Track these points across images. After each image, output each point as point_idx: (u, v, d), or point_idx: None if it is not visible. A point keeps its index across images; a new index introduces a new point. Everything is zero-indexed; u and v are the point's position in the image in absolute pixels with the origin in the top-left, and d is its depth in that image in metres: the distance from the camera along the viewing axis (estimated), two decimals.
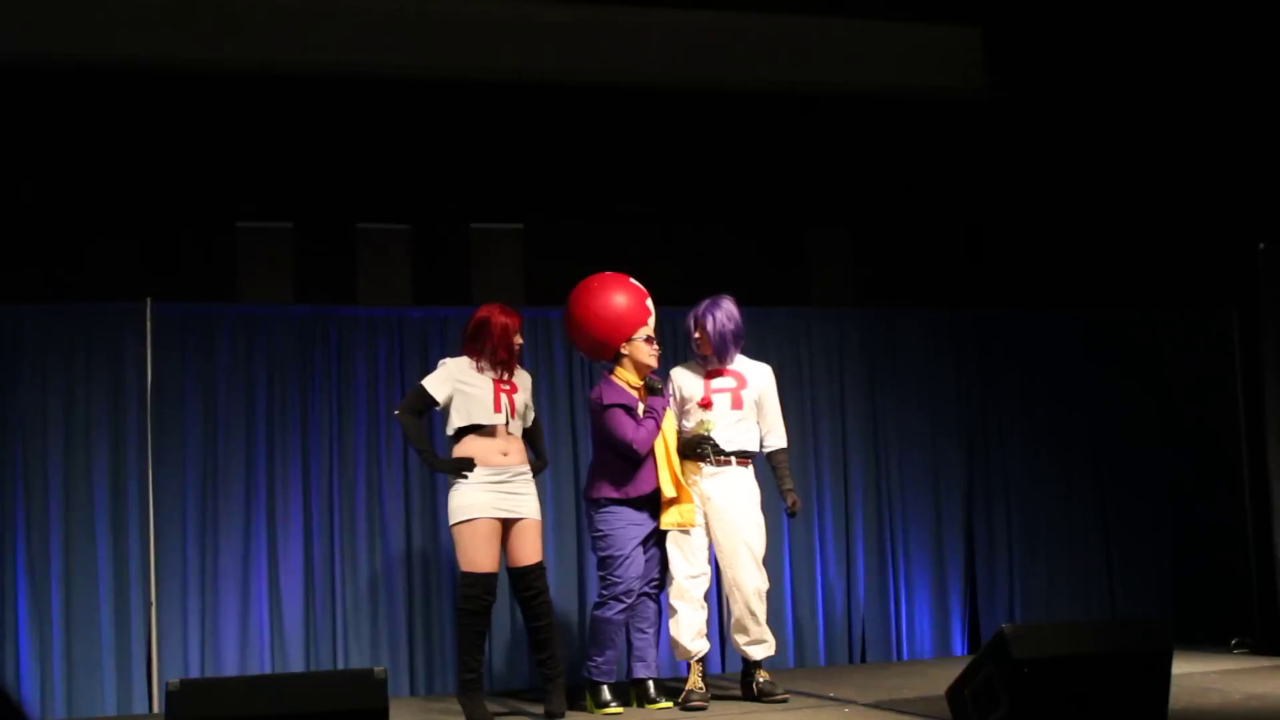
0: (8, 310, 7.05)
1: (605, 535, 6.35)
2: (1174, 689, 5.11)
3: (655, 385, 6.41)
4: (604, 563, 6.37)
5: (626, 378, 6.42)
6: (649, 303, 6.49)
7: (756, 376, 6.62)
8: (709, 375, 6.59)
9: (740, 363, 6.63)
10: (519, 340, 6.25)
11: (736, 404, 6.53)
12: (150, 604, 6.97)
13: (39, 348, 7.02)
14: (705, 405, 6.50)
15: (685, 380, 6.62)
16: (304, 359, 7.40)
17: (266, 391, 7.32)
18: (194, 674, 6.94)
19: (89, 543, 6.95)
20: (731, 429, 6.50)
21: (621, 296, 6.41)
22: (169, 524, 7.07)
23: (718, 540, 6.45)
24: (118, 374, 7.11)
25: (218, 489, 7.18)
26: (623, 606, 6.31)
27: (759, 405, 6.61)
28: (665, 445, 6.38)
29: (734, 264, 8.65)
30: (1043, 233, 9.21)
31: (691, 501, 6.38)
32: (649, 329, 6.46)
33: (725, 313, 6.53)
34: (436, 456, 6.20)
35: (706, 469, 6.46)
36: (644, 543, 6.37)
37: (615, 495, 6.34)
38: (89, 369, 7.08)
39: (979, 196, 9.24)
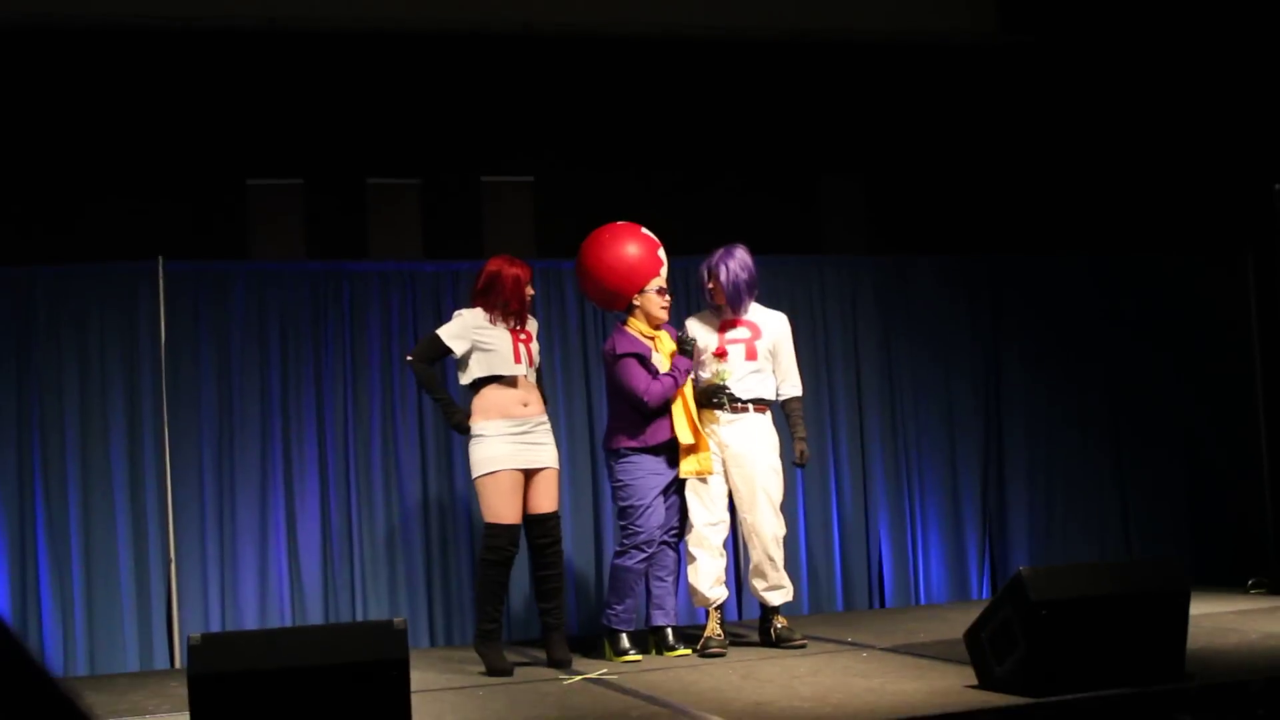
0: (21, 271, 7.06)
1: (625, 485, 6.36)
2: (1191, 630, 5.12)
3: (687, 346, 6.39)
4: (624, 512, 6.39)
5: (639, 328, 6.42)
6: (661, 253, 6.46)
7: (771, 325, 6.61)
8: (723, 326, 6.58)
9: (755, 312, 6.61)
10: (530, 291, 6.25)
11: (751, 354, 6.52)
12: (169, 560, 7.01)
13: (53, 308, 7.04)
14: (720, 355, 6.50)
15: (699, 331, 6.61)
16: (317, 314, 7.40)
17: (280, 347, 7.34)
18: (214, 628, 6.98)
19: (107, 500, 6.99)
20: (747, 378, 6.50)
21: (633, 247, 6.38)
22: (186, 481, 7.10)
23: (736, 487, 6.46)
24: (132, 333, 7.13)
25: (234, 445, 7.21)
26: (643, 556, 6.32)
27: (774, 354, 6.60)
28: (682, 393, 6.37)
29: (747, 212, 8.63)
30: (1056, 177, 9.18)
31: (709, 449, 6.38)
32: (661, 280, 6.43)
33: (739, 262, 6.51)
34: (454, 404, 6.21)
35: (724, 417, 6.46)
36: (664, 492, 6.38)
37: (633, 444, 6.34)
38: (103, 328, 7.10)
39: (992, 141, 9.20)
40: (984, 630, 5.04)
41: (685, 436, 6.32)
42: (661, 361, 6.38)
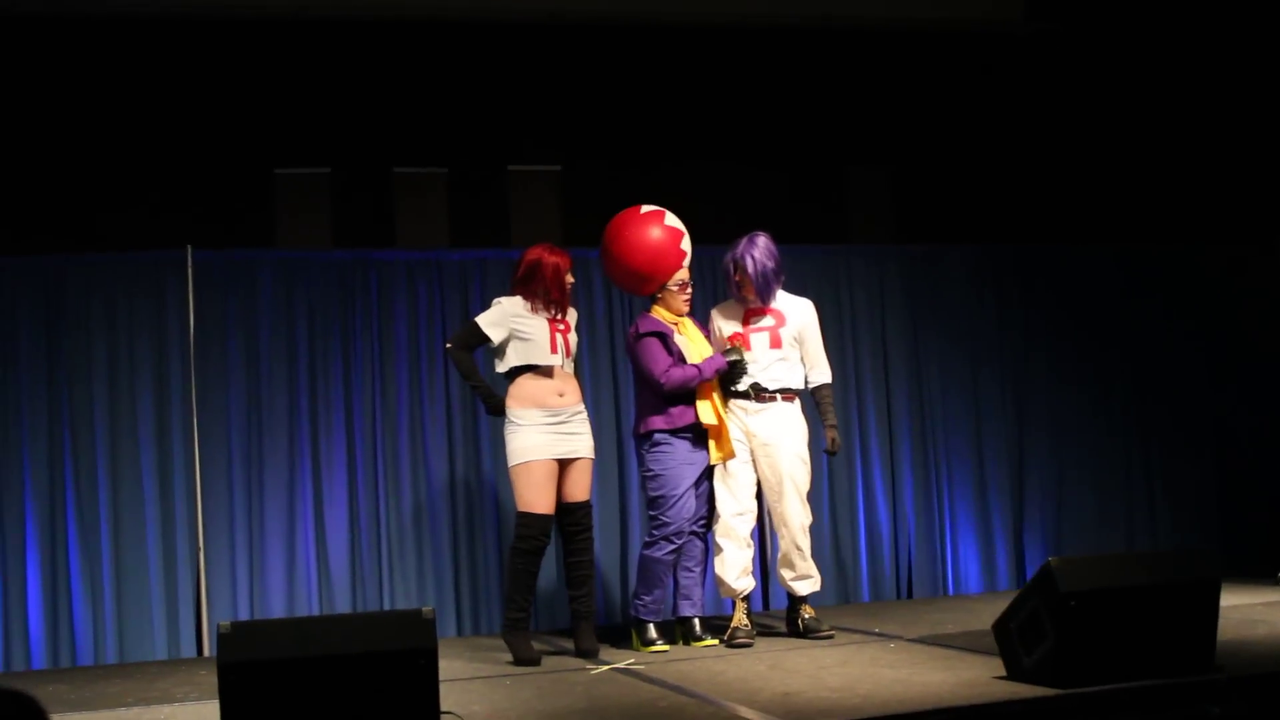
0: (51, 260, 7.10)
1: (657, 475, 6.35)
2: (1221, 621, 5.09)
3: (735, 360, 6.35)
4: (654, 502, 6.38)
5: (663, 314, 6.42)
6: (685, 244, 6.44)
7: (795, 312, 6.58)
8: (748, 316, 6.55)
9: (780, 299, 6.59)
10: (570, 279, 6.25)
11: (775, 343, 6.49)
12: (198, 548, 7.04)
13: (82, 297, 7.07)
14: (740, 342, 6.47)
15: (724, 323, 6.60)
16: (344, 303, 7.41)
17: (308, 336, 7.35)
18: (242, 616, 7.01)
19: (136, 489, 7.02)
20: (772, 367, 6.47)
21: (659, 235, 6.36)
22: (214, 469, 7.13)
23: (764, 475, 6.45)
24: (160, 321, 7.15)
25: (262, 433, 7.23)
26: (672, 547, 6.33)
27: (800, 341, 6.56)
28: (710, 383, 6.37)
29: (773, 202, 8.62)
30: (1084, 166, 9.13)
31: (729, 435, 6.35)
32: (684, 273, 6.43)
33: (764, 251, 6.46)
34: (492, 392, 6.21)
35: (752, 406, 6.44)
36: (695, 482, 6.38)
37: (663, 426, 6.33)
38: (131, 317, 7.13)
39: (1018, 131, 9.16)
40: (1012, 621, 5.02)
41: (708, 417, 6.30)
42: (686, 344, 6.36)
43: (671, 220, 6.43)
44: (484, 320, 6.16)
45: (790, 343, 6.52)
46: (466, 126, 8.40)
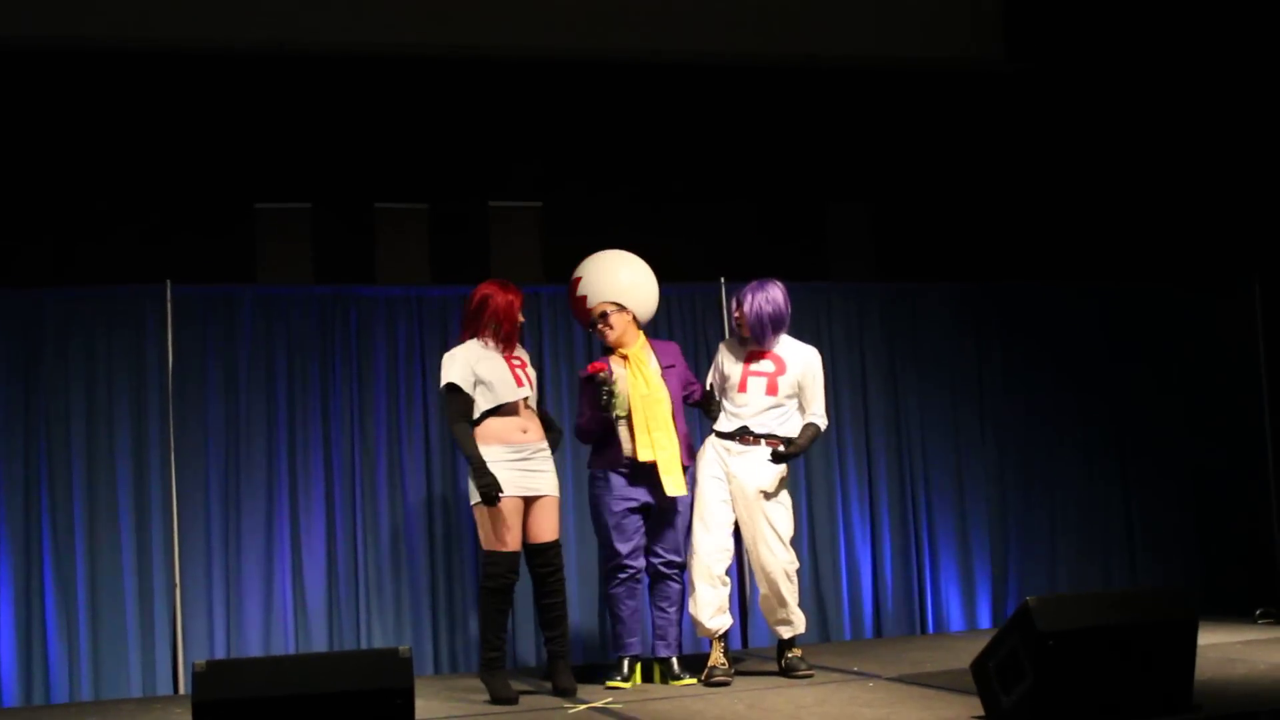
0: (29, 294, 7.07)
1: (593, 509, 6.44)
2: (1199, 659, 5.09)
3: (603, 386, 6.23)
4: (597, 536, 6.48)
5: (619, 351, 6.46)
6: (580, 289, 6.46)
7: (796, 360, 6.50)
8: (749, 357, 6.51)
9: (784, 345, 6.54)
10: (521, 318, 6.26)
11: (771, 389, 6.43)
12: (174, 585, 6.99)
13: (60, 331, 7.04)
14: (741, 389, 6.45)
15: (726, 358, 6.58)
16: (324, 339, 7.39)
17: (287, 372, 7.33)
18: (218, 655, 6.96)
19: (113, 524, 6.98)
20: (764, 414, 6.42)
21: (580, 284, 6.49)
22: (191, 505, 7.09)
23: (741, 518, 6.42)
24: (139, 356, 7.12)
25: (240, 469, 7.20)
26: (620, 580, 6.36)
27: (801, 388, 6.51)
28: (637, 413, 6.30)
29: (753, 239, 8.64)
30: (1063, 206, 9.17)
31: (678, 470, 6.28)
32: (596, 314, 6.42)
33: (766, 296, 6.41)
34: (487, 470, 6.02)
35: (735, 447, 6.42)
36: (635, 512, 6.35)
37: (599, 464, 6.39)
38: (110, 352, 7.09)
39: (998, 169, 9.20)
40: (991, 660, 5.02)
41: (645, 455, 6.26)
42: (626, 375, 6.33)
43: (579, 271, 6.53)
44: (458, 379, 6.08)
45: (787, 391, 6.46)
46: (447, 162, 8.41)
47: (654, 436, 6.25)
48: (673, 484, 6.24)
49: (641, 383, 6.32)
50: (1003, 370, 8.45)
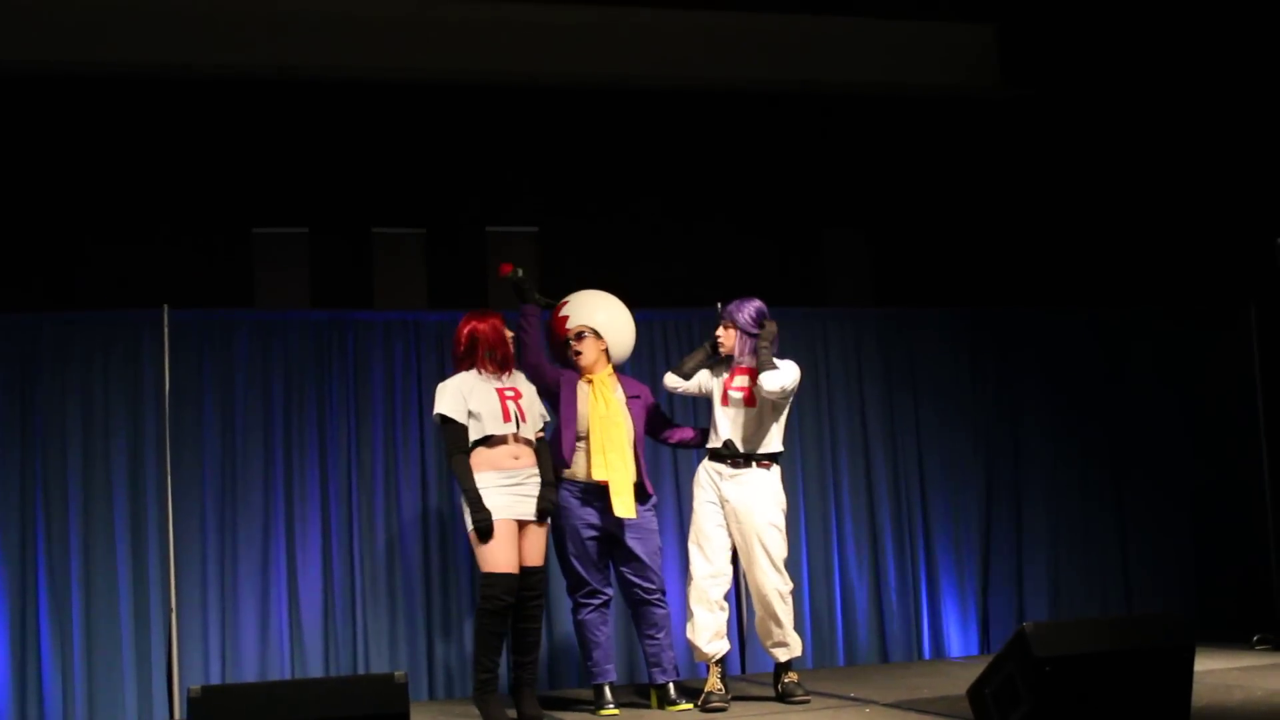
0: (26, 318, 7.07)
1: (554, 534, 6.42)
2: (1196, 686, 5.09)
3: (521, 284, 6.40)
4: (560, 563, 6.50)
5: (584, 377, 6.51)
6: (564, 310, 6.57)
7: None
8: (731, 373, 6.55)
9: None
10: (509, 332, 6.28)
11: (750, 400, 6.47)
12: (170, 609, 6.98)
13: (57, 355, 7.03)
14: (723, 403, 6.47)
15: (708, 376, 6.61)
16: (321, 363, 7.39)
17: (284, 396, 7.32)
18: (214, 680, 6.93)
19: (109, 549, 6.96)
20: (747, 429, 6.45)
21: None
22: (188, 530, 7.07)
23: (737, 542, 6.43)
24: (136, 381, 7.12)
25: (236, 495, 7.18)
26: (592, 606, 6.38)
27: (776, 403, 6.54)
28: (600, 433, 6.34)
29: (751, 265, 8.66)
30: (1059, 230, 9.20)
31: (628, 491, 6.28)
32: (572, 332, 6.49)
33: (748, 304, 6.49)
34: (482, 503, 6.03)
35: (727, 470, 6.43)
36: (596, 541, 6.36)
37: (564, 472, 6.37)
38: (107, 376, 7.08)
39: (994, 194, 9.23)
40: (988, 686, 5.01)
41: (599, 474, 6.28)
42: (586, 396, 6.38)
43: (567, 299, 6.62)
44: (451, 411, 6.10)
45: (767, 404, 6.49)
46: (445, 187, 8.44)
47: (608, 457, 6.29)
48: (622, 505, 6.25)
49: (601, 404, 6.37)
50: (999, 394, 8.45)
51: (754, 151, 8.96)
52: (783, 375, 6.35)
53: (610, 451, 6.30)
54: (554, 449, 6.37)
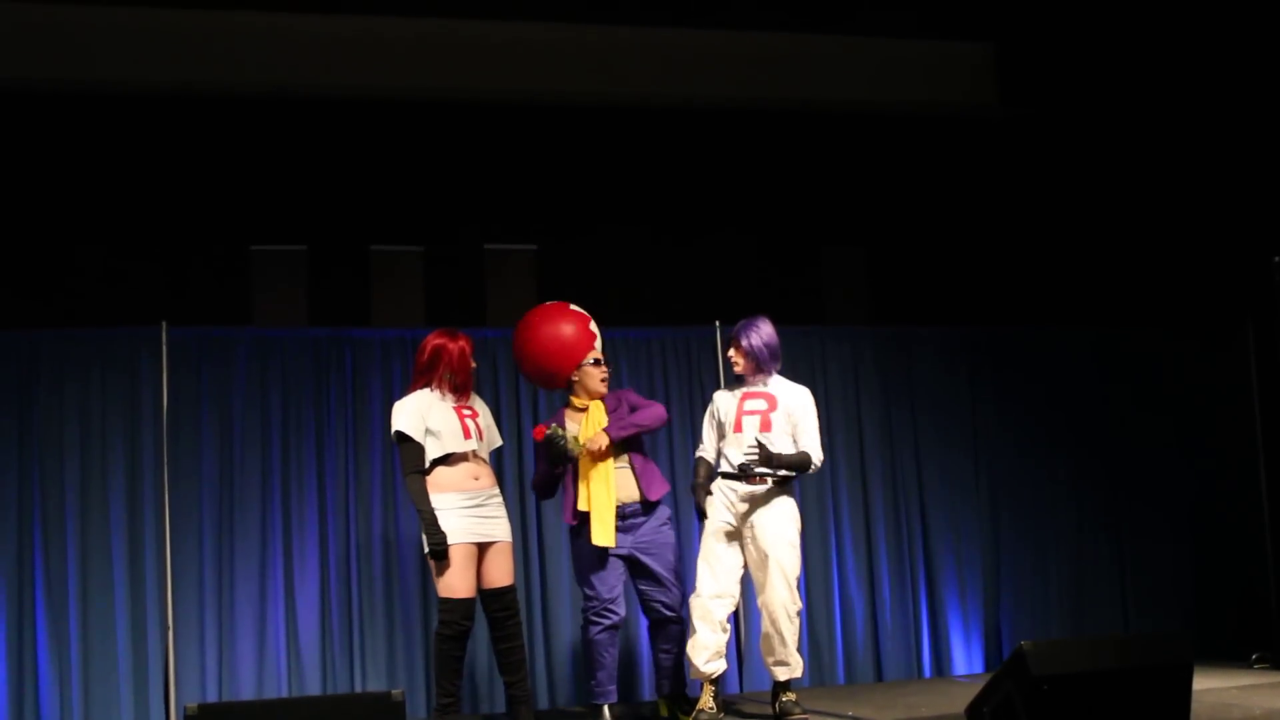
0: (25, 335, 7.07)
1: (574, 556, 6.49)
2: (1194, 704, 5.09)
3: (556, 440, 6.26)
4: (579, 582, 6.49)
5: (576, 402, 6.49)
6: (593, 326, 6.51)
7: (789, 396, 6.50)
8: (743, 398, 6.54)
9: (775, 384, 6.54)
10: (473, 364, 6.26)
11: (765, 425, 6.44)
12: (167, 626, 6.97)
13: (56, 373, 7.04)
14: (737, 429, 6.45)
15: (723, 401, 6.58)
16: (318, 381, 7.40)
17: (281, 414, 7.33)
18: (211, 697, 6.93)
19: (106, 567, 6.96)
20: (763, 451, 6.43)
21: (567, 326, 6.45)
22: (185, 547, 7.07)
23: (750, 557, 6.40)
24: (134, 398, 7.12)
25: (234, 512, 7.18)
26: (602, 626, 6.34)
27: (794, 424, 6.52)
28: (587, 464, 6.32)
29: (749, 283, 8.66)
30: (1056, 249, 9.20)
31: (609, 523, 6.29)
32: (596, 352, 6.48)
33: (758, 330, 6.47)
34: (437, 526, 5.99)
35: (741, 489, 6.42)
36: (618, 558, 6.35)
37: (569, 520, 6.42)
38: (105, 394, 7.09)
39: (992, 213, 9.24)
40: (986, 705, 5.01)
41: (582, 504, 6.31)
42: (582, 423, 6.38)
43: (575, 309, 6.55)
44: (409, 429, 6.06)
45: (782, 426, 6.46)
46: (443, 205, 8.44)
47: (591, 488, 6.30)
48: (601, 534, 6.26)
49: (589, 431, 6.37)
50: (997, 413, 8.45)
51: (752, 170, 8.97)
52: (813, 456, 6.45)
53: (594, 482, 6.31)
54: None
